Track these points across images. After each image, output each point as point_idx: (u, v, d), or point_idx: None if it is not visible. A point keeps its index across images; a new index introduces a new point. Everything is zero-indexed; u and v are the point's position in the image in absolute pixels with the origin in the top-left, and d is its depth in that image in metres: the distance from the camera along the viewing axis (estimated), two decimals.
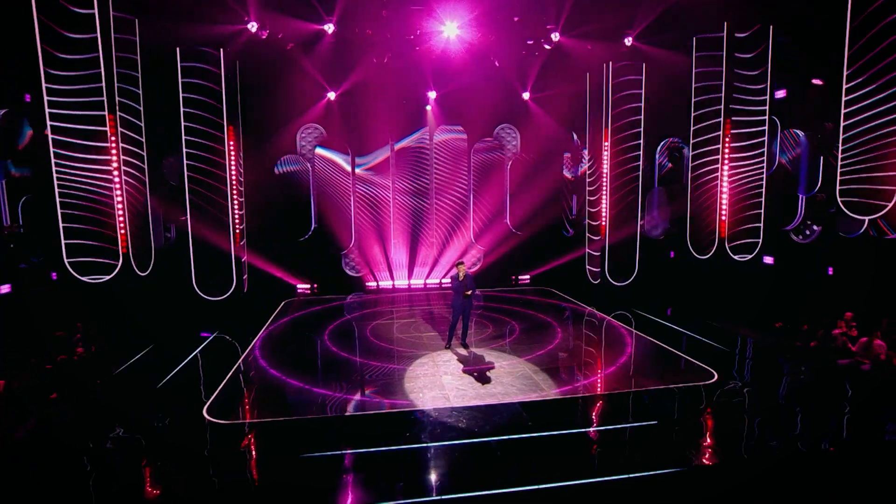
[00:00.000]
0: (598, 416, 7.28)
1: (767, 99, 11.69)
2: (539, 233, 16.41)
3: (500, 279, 16.56)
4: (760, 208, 12.16)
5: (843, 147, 9.46)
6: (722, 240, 12.54)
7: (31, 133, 10.11)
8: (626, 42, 12.13)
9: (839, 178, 9.58)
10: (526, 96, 15.54)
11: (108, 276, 10.05)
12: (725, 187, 12.36)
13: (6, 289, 9.56)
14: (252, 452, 6.31)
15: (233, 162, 12.78)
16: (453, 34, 12.01)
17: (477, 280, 16.05)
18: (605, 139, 13.54)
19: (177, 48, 11.57)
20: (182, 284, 12.36)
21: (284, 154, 15.08)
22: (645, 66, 12.89)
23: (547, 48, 12.88)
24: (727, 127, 11.94)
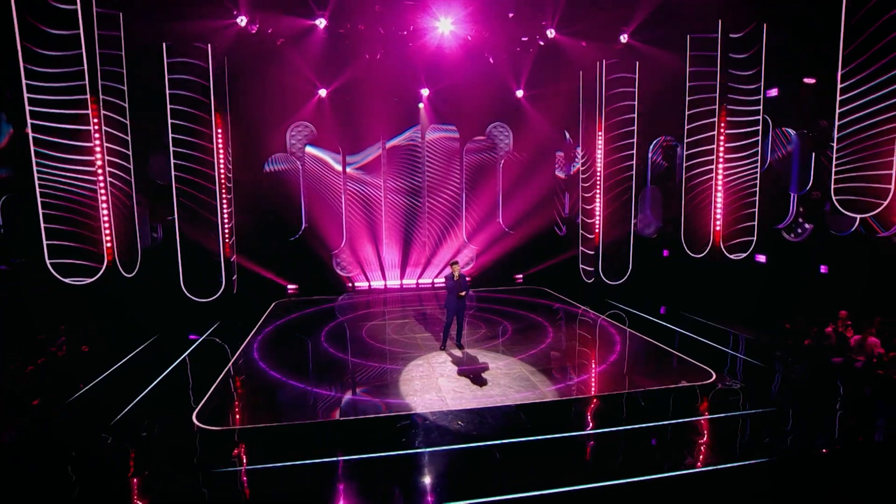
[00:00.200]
0: (599, 418, 7.17)
1: (761, 99, 11.70)
2: (532, 231, 16.30)
3: (495, 279, 16.42)
4: (754, 207, 12.17)
5: (838, 146, 9.46)
6: (716, 238, 12.53)
7: (12, 132, 9.79)
8: (622, 39, 12.04)
9: (833, 177, 9.58)
10: (519, 94, 15.43)
11: (92, 279, 9.77)
12: (720, 185, 12.33)
13: None
14: (243, 460, 6.11)
15: (221, 160, 12.51)
16: (447, 30, 11.85)
17: (474, 280, 16.10)
18: (600, 128, 13.38)
19: (163, 43, 11.28)
20: (170, 285, 12.08)
21: (274, 152, 14.82)
22: (639, 65, 12.84)
23: (541, 45, 12.76)
24: (723, 115, 11.88)
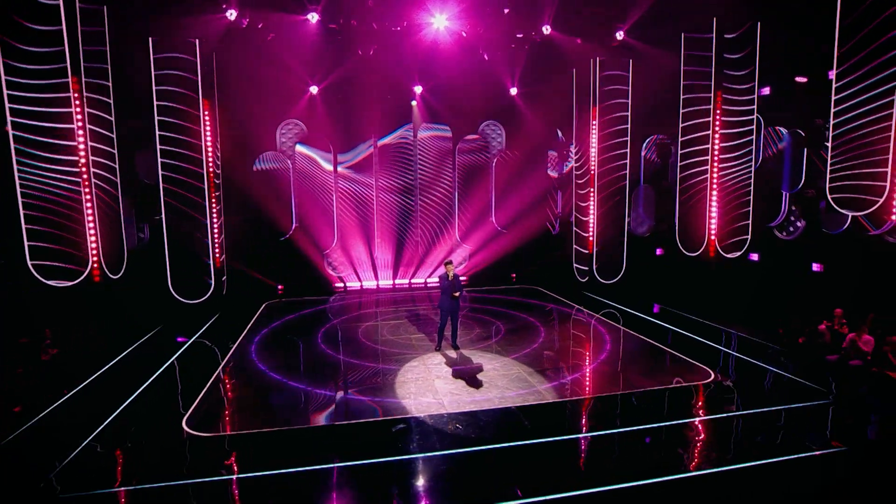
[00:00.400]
0: (602, 419, 7.06)
1: (755, 98, 11.71)
2: (525, 230, 16.22)
3: (489, 279, 16.32)
4: (749, 206, 12.19)
5: (833, 143, 9.48)
6: (711, 246, 12.54)
7: None
8: (618, 36, 11.98)
9: (829, 175, 9.60)
10: (513, 92, 15.33)
11: (76, 281, 9.48)
12: (715, 183, 12.33)
13: None
14: (235, 468, 5.92)
15: (210, 158, 12.24)
16: (442, 26, 11.69)
17: (468, 280, 15.98)
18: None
19: (149, 38, 11.00)
20: (157, 287, 11.81)
21: (263, 151, 14.56)
22: (635, 63, 12.81)
23: (537, 41, 12.66)
24: (717, 114, 11.87)
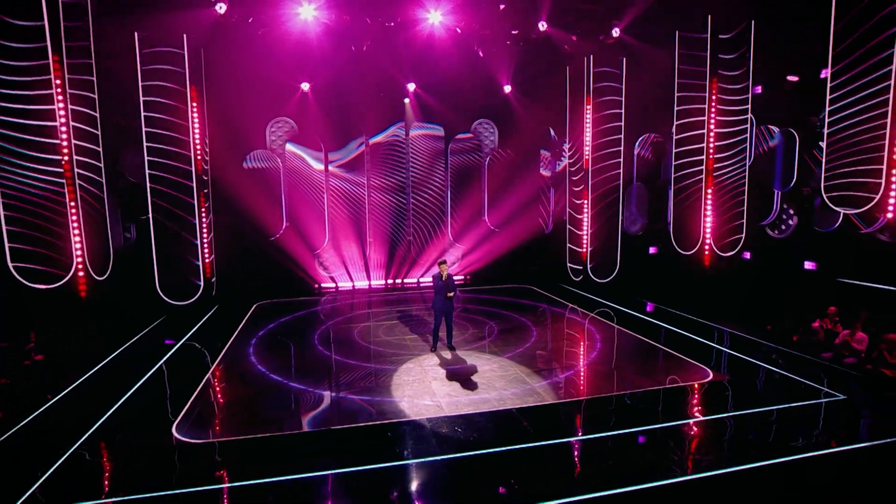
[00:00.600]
0: (602, 421, 6.97)
1: (749, 97, 11.74)
2: (518, 229, 16.15)
3: (482, 278, 16.23)
4: (743, 205, 12.22)
5: (828, 141, 9.50)
6: (706, 238, 12.54)
7: None
8: (614, 34, 11.91)
9: (824, 174, 9.63)
10: (507, 90, 15.22)
11: (60, 283, 9.20)
12: (710, 182, 12.33)
13: None
14: (229, 477, 5.72)
15: (198, 155, 11.95)
16: (437, 21, 11.51)
17: (473, 279, 15.87)
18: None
19: (135, 33, 10.70)
20: (144, 288, 11.53)
21: (253, 149, 14.31)
22: (630, 61, 12.77)
23: (532, 38, 12.53)
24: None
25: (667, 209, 13.52)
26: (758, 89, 12.12)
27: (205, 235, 12.30)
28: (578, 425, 6.84)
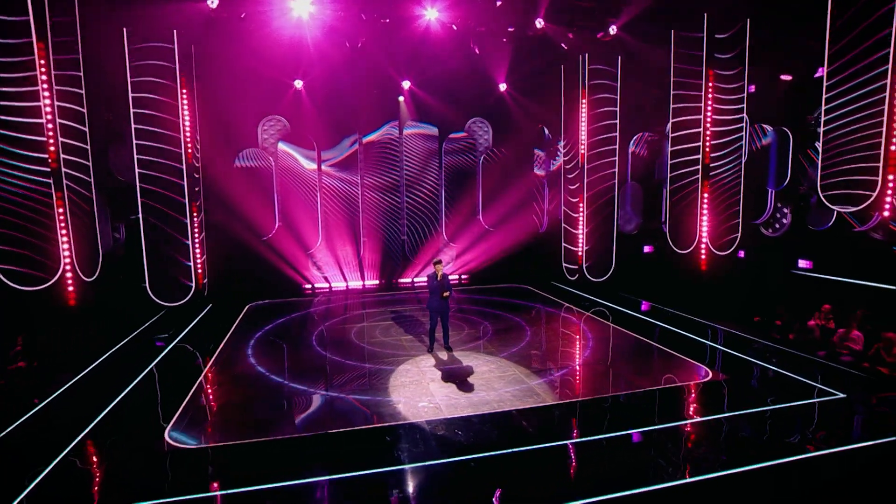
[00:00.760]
0: (604, 422, 6.90)
1: (745, 97, 11.74)
2: (513, 228, 16.08)
3: (477, 278, 16.14)
4: (739, 204, 12.24)
5: (824, 140, 9.50)
6: (702, 234, 12.55)
7: None
8: (611, 31, 11.83)
9: (820, 172, 9.64)
10: (503, 88, 15.13)
11: (47, 284, 8.97)
12: (706, 181, 12.33)
13: None
14: (223, 483, 5.57)
15: (188, 152, 11.72)
16: (433, 17, 11.36)
17: (470, 278, 15.73)
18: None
19: (123, 29, 10.46)
20: (135, 289, 11.30)
21: (245, 147, 14.09)
22: (627, 59, 12.70)
23: (529, 35, 12.40)
24: (708, 111, 11.84)
25: (662, 208, 13.51)
26: (751, 88, 12.15)
27: (196, 235, 12.08)
28: (580, 427, 6.76)
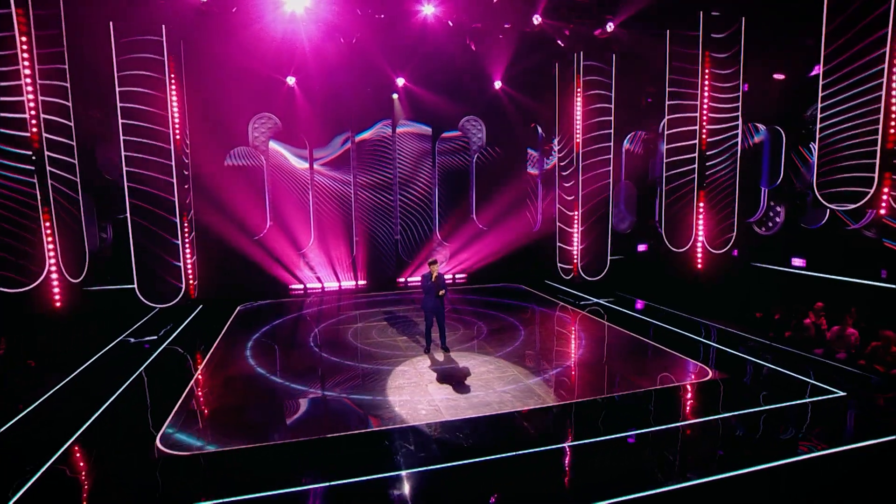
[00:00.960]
0: (608, 422, 6.81)
1: (740, 95, 11.76)
2: (508, 228, 15.99)
3: (472, 278, 16.03)
4: (734, 204, 12.27)
5: (820, 135, 9.52)
6: (698, 233, 12.55)
7: None
8: (608, 28, 11.75)
9: (816, 170, 9.66)
10: (498, 85, 15.03)
11: (32, 285, 8.69)
12: (702, 180, 12.34)
13: None
14: (218, 491, 5.39)
15: (178, 148, 11.43)
16: (430, 13, 11.19)
17: (465, 277, 15.57)
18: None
19: (110, 23, 10.17)
20: (123, 290, 11.02)
21: (235, 146, 13.83)
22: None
23: (526, 31, 12.28)
24: (704, 110, 11.82)
25: (658, 207, 13.50)
26: (744, 87, 12.18)
27: (186, 235, 11.81)
28: (584, 427, 6.67)
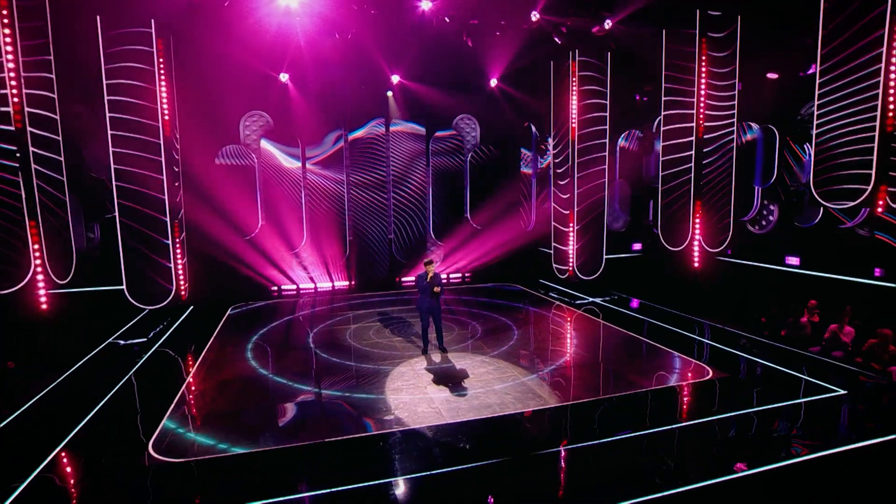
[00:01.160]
0: (611, 423, 6.73)
1: (735, 94, 11.78)
2: (502, 227, 15.92)
3: (467, 277, 15.93)
4: (730, 203, 12.30)
5: (817, 131, 9.53)
6: (695, 232, 12.56)
7: None
8: (606, 25, 11.69)
9: (813, 168, 9.68)
10: (493, 83, 14.91)
11: (17, 287, 8.42)
12: (696, 179, 12.35)
13: None
14: (213, 500, 5.22)
15: (168, 144, 11.18)
16: (426, 8, 11.03)
17: (461, 277, 15.43)
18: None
19: (97, 17, 9.90)
20: (111, 291, 10.75)
21: (226, 144, 13.58)
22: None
23: (523, 28, 12.18)
24: (700, 109, 11.82)
25: (654, 206, 13.49)
26: (738, 86, 12.21)
27: (176, 233, 11.56)
28: (585, 428, 6.59)
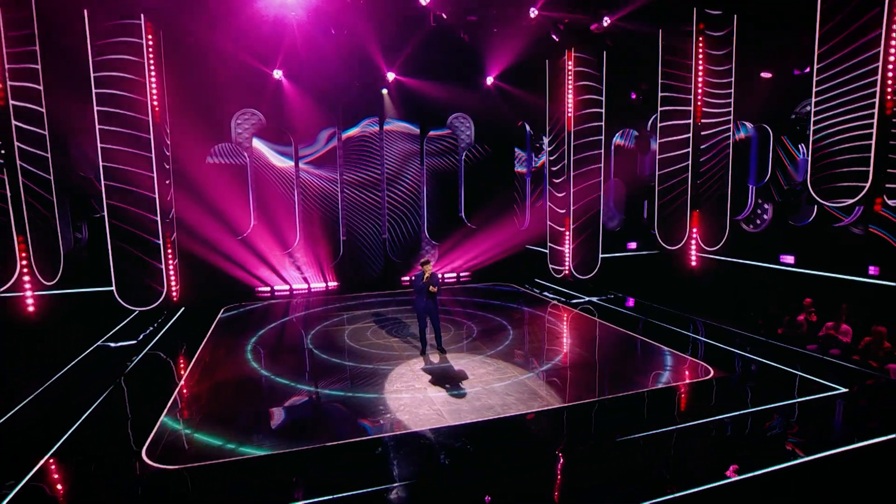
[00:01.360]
0: (614, 423, 6.66)
1: (732, 93, 11.79)
2: (497, 226, 15.84)
3: (463, 277, 15.84)
4: (727, 202, 12.31)
5: (814, 128, 9.54)
6: (692, 232, 12.57)
7: None
8: (604, 22, 11.64)
9: (810, 167, 9.70)
10: (490, 81, 14.82)
11: (3, 288, 8.18)
12: (694, 179, 12.34)
13: None
14: None
15: (159, 140, 10.92)
16: (424, 2, 10.91)
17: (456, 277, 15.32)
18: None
19: (84, 11, 9.65)
20: (101, 292, 10.51)
21: (217, 142, 13.35)
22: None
23: (522, 25, 12.09)
24: (698, 108, 11.80)
25: (651, 206, 13.48)
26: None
27: (167, 233, 11.32)
28: (583, 429, 6.52)
